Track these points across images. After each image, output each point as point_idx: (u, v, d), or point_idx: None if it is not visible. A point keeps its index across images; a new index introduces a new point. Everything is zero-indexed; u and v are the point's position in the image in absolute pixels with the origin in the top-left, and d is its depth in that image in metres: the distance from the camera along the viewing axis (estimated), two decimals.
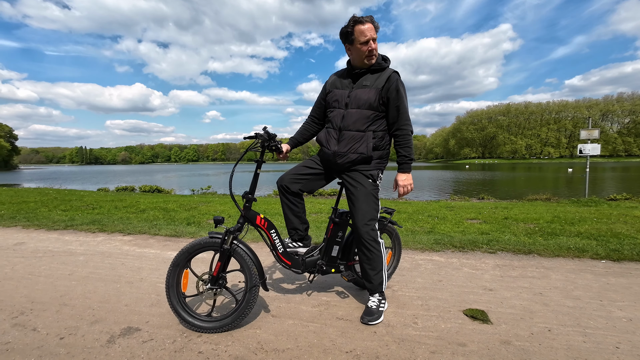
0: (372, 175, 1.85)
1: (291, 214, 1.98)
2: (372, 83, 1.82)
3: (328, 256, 2.06)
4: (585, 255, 2.91)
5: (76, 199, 7.58)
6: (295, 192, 1.96)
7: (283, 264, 1.91)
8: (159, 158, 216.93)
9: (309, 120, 2.11)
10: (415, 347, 1.54)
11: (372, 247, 1.83)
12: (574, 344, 1.56)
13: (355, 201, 1.85)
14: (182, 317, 1.71)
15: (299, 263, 1.96)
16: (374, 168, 1.86)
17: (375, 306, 1.83)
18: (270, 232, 1.87)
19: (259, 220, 1.82)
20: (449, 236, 3.67)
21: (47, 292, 2.20)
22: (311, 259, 2.01)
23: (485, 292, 2.19)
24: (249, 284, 1.71)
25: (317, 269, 2.02)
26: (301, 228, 2.01)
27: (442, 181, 22.26)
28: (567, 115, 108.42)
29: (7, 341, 1.61)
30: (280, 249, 1.89)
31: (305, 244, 2.05)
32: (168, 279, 1.73)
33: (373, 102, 1.80)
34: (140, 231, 4.02)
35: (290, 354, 1.50)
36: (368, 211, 1.83)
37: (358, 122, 1.82)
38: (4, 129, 78.28)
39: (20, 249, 3.26)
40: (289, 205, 1.98)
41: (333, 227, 2.04)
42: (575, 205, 6.98)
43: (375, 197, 1.86)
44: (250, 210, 1.79)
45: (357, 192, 1.85)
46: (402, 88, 1.84)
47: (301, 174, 1.98)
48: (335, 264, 2.07)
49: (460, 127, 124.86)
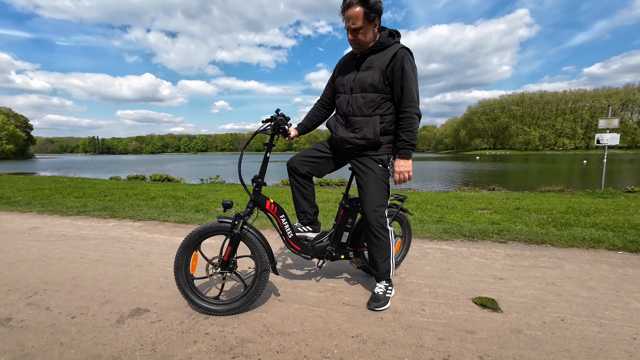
0: (381, 160, 1.79)
1: (300, 197, 1.97)
2: (377, 63, 1.71)
3: (338, 242, 2.03)
4: (601, 246, 2.82)
5: (89, 187, 7.74)
6: (304, 174, 1.93)
7: (292, 249, 1.90)
8: (168, 148, 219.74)
9: (318, 105, 2.05)
10: (422, 333, 1.52)
11: (380, 234, 1.79)
12: (588, 334, 1.51)
13: (364, 187, 1.80)
14: (189, 299, 1.72)
15: (308, 249, 1.94)
16: (383, 153, 1.80)
17: (381, 292, 1.81)
18: (280, 217, 1.84)
19: (269, 205, 1.80)
20: (459, 225, 3.61)
21: (59, 274, 2.25)
22: (320, 244, 1.99)
23: (496, 281, 2.14)
24: (259, 269, 1.71)
25: (326, 255, 2.00)
26: (310, 212, 1.98)
27: (452, 172, 21.90)
28: (584, 105, 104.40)
29: (22, 319, 1.65)
30: (289, 234, 1.88)
31: (315, 229, 2.03)
32: (177, 260, 1.73)
33: (377, 83, 1.70)
34: (149, 217, 4.07)
35: (295, 337, 1.49)
36: (377, 197, 1.78)
37: (364, 107, 1.74)
38: (19, 119, 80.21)
39: (35, 233, 3.35)
40: (298, 187, 1.96)
41: (343, 213, 2.01)
42: (591, 197, 6.78)
43: (385, 183, 1.81)
44: (260, 195, 1.77)
45: (366, 177, 1.79)
46: (409, 65, 1.68)
47: (311, 157, 1.95)
48: (344, 251, 2.05)
49: (471, 117, 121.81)
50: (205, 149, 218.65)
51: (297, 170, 1.93)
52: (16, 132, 75.08)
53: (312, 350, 1.39)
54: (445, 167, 27.46)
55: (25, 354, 1.37)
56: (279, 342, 1.46)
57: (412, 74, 1.68)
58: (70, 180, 10.08)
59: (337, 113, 1.90)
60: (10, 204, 5.07)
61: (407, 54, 1.70)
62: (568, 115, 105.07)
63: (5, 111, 78.23)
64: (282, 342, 1.45)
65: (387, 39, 1.73)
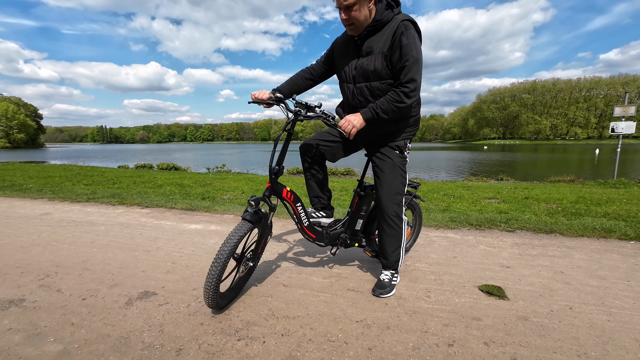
0: (398, 147, 1.72)
1: (313, 181, 1.94)
2: (377, 46, 1.54)
3: (352, 230, 2.02)
4: (612, 236, 2.76)
5: (97, 175, 7.86)
6: (317, 158, 1.89)
7: (307, 237, 1.86)
8: (175, 137, 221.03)
9: (305, 74, 1.86)
10: (427, 319, 1.52)
11: (394, 223, 1.74)
12: (597, 322, 1.49)
13: (380, 174, 1.74)
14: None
15: (323, 236, 1.91)
16: (400, 138, 1.72)
17: (387, 279, 1.80)
18: (296, 205, 1.80)
19: (285, 193, 1.76)
20: (465, 214, 3.57)
21: (70, 258, 2.30)
22: (335, 232, 1.97)
23: (502, 269, 2.12)
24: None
25: (340, 242, 1.99)
26: (323, 196, 1.96)
27: (459, 162, 21.61)
28: (599, 93, 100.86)
29: (35, 300, 1.70)
30: (305, 222, 1.84)
31: (328, 214, 2.02)
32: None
33: (381, 70, 1.54)
34: (157, 204, 4.12)
35: (300, 321, 1.51)
36: (394, 184, 1.71)
37: (370, 98, 1.62)
38: (29, 109, 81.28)
39: (46, 219, 3.42)
40: (311, 171, 1.93)
41: (358, 201, 1.98)
42: (602, 187, 6.63)
43: (402, 170, 1.74)
44: (277, 183, 1.71)
45: (383, 164, 1.73)
46: (409, 41, 1.46)
47: (324, 140, 1.87)
48: (358, 238, 2.03)
49: (480, 106, 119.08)
50: (212, 138, 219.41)
51: (310, 153, 1.88)
52: (26, 121, 76.25)
53: (317, 333, 1.41)
54: (453, 157, 27.10)
55: (38, 332, 1.41)
56: (284, 325, 1.47)
57: (414, 49, 1.47)
58: (80, 168, 10.25)
59: (345, 102, 1.80)
60: (23, 190, 5.18)
61: (408, 27, 1.49)
62: (581, 104, 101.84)
63: (15, 100, 79.33)
64: (287, 326, 1.46)
65: (385, 13, 1.53)
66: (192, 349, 1.30)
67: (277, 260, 2.26)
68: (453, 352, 1.28)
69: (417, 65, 1.49)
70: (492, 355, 1.26)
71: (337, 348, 1.31)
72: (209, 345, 1.32)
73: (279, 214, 3.52)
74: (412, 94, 1.50)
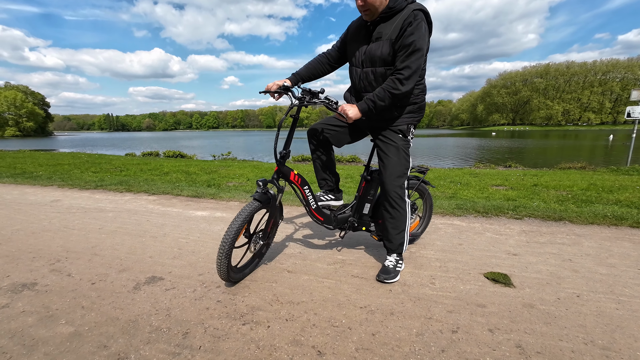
0: (401, 131, 1.74)
1: (320, 164, 1.98)
2: (387, 33, 1.56)
3: (359, 213, 2.05)
4: (623, 224, 2.70)
5: (105, 162, 7.95)
6: (323, 141, 1.92)
7: (316, 219, 1.93)
8: (181, 125, 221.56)
9: (323, 58, 1.90)
10: (431, 305, 1.52)
11: (398, 205, 1.77)
12: (605, 310, 1.47)
13: (384, 157, 1.77)
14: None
15: (331, 219, 1.97)
16: (403, 123, 1.73)
17: (392, 265, 1.80)
18: (304, 189, 1.86)
19: (293, 176, 1.82)
20: (472, 201, 3.52)
21: (80, 243, 2.35)
22: (343, 215, 2.02)
23: (509, 256, 2.10)
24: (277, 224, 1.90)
25: (348, 226, 2.02)
26: (330, 179, 1.99)
27: (467, 149, 21.27)
28: (615, 76, 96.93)
29: (47, 284, 1.74)
30: (313, 205, 1.90)
31: (337, 197, 2.06)
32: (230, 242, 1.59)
33: (387, 56, 1.58)
34: (164, 192, 4.16)
35: (304, 306, 1.52)
36: (397, 167, 1.74)
37: (375, 83, 1.66)
38: (37, 97, 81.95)
39: (56, 205, 3.49)
40: (318, 154, 1.96)
41: (365, 185, 2.00)
42: (615, 174, 6.46)
43: (405, 153, 1.76)
44: (284, 167, 1.77)
45: (386, 148, 1.75)
46: (416, 30, 1.48)
47: (330, 125, 1.91)
48: (366, 222, 2.06)
49: (490, 91, 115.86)
50: (217, 125, 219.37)
51: (317, 137, 1.92)
52: (35, 109, 77.04)
53: (321, 319, 1.42)
54: (460, 144, 26.67)
55: (51, 315, 1.45)
56: (288, 310, 1.49)
57: (416, 41, 1.48)
58: (88, 156, 10.38)
59: (352, 86, 1.84)
60: (33, 178, 5.27)
61: (417, 17, 1.50)
62: (596, 88, 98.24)
63: (23, 89, 79.94)
64: (291, 311, 1.48)
65: (399, 1, 1.55)
66: (198, 333, 1.32)
67: (281, 247, 2.28)
68: (457, 338, 1.28)
69: (417, 55, 1.50)
70: (497, 342, 1.26)
71: (340, 333, 1.32)
72: (214, 329, 1.34)
73: (285, 201, 3.52)
74: (405, 81, 1.52)
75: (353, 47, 1.74)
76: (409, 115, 1.72)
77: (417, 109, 1.72)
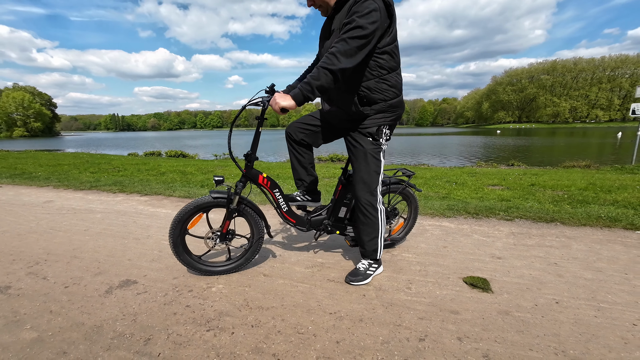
0: (370, 133, 1.64)
1: (297, 164, 1.93)
2: (338, 24, 1.49)
3: (335, 217, 2.01)
4: (617, 225, 2.62)
5: (105, 162, 8.02)
6: (299, 141, 1.89)
7: (288, 222, 1.91)
8: (185, 124, 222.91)
9: (313, 64, 1.91)
10: (403, 312, 1.48)
11: (368, 212, 1.71)
12: (583, 318, 1.42)
13: (354, 162, 1.72)
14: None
15: (304, 221, 1.94)
16: (372, 125, 1.63)
17: (363, 268, 1.77)
18: (274, 191, 1.85)
19: (261, 180, 1.80)
20: (464, 202, 3.46)
21: (62, 245, 2.35)
22: (317, 218, 1.99)
23: (493, 260, 2.04)
24: (255, 236, 1.86)
25: (322, 228, 1.99)
26: (307, 179, 1.95)
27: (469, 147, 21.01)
28: (624, 73, 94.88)
29: (20, 287, 1.74)
30: (284, 208, 1.88)
31: (314, 198, 2.01)
32: (182, 215, 1.73)
33: None
34: (156, 192, 4.17)
35: (273, 312, 1.49)
36: (364, 173, 1.68)
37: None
38: (44, 97, 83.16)
39: (47, 206, 3.51)
40: (295, 154, 1.92)
41: (341, 189, 1.97)
42: (618, 173, 6.32)
43: (375, 158, 1.67)
44: (252, 170, 1.77)
45: (356, 152, 1.69)
46: (360, 9, 1.36)
47: (307, 124, 1.88)
48: (341, 225, 2.03)
49: (495, 89, 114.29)
50: (221, 125, 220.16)
51: (293, 136, 1.89)
52: (42, 110, 78.18)
53: (287, 325, 1.39)
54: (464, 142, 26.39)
55: (18, 319, 1.44)
56: (256, 316, 1.46)
57: (358, 20, 1.35)
58: (89, 156, 10.48)
59: None
60: (31, 178, 5.33)
61: (362, 1, 1.37)
62: (604, 85, 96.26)
63: (30, 90, 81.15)
64: (259, 317, 1.45)
65: None
66: (160, 339, 1.30)
67: (262, 250, 2.25)
68: (423, 347, 1.24)
69: (356, 31, 1.35)
70: (464, 351, 1.22)
71: (304, 340, 1.29)
72: (177, 336, 1.32)
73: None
74: (339, 55, 1.35)
75: (321, 46, 1.71)
76: (380, 116, 1.61)
77: (387, 107, 1.60)
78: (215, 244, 1.84)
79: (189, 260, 1.81)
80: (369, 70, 1.51)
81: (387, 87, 1.56)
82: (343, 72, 1.38)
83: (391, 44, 1.49)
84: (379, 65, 1.50)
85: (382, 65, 1.50)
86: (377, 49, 1.47)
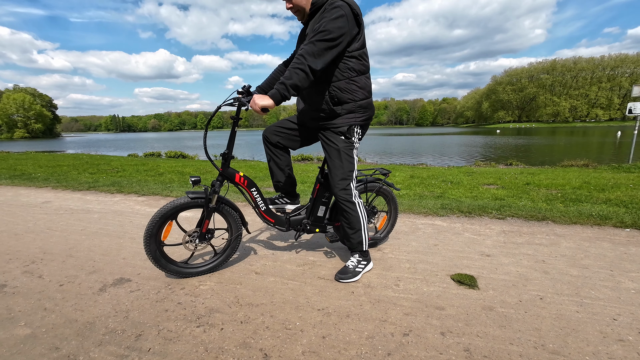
0: (342, 132, 1.71)
1: (275, 167, 1.96)
2: (310, 30, 1.55)
3: (314, 216, 2.04)
4: (607, 223, 2.65)
5: (104, 163, 8.06)
6: (275, 144, 1.92)
7: (266, 221, 1.93)
8: (186, 125, 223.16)
9: (281, 67, 1.91)
10: (389, 308, 1.51)
11: (347, 207, 1.78)
12: (565, 313, 1.44)
13: (328, 160, 1.78)
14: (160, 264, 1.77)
15: (283, 221, 1.96)
16: (343, 124, 1.69)
17: (352, 266, 1.80)
18: (251, 190, 1.87)
19: (238, 178, 1.82)
20: (458, 201, 3.49)
21: (58, 245, 2.38)
22: (296, 217, 2.01)
23: (482, 257, 2.07)
24: (234, 233, 1.87)
25: (301, 228, 2.02)
26: (284, 181, 1.98)
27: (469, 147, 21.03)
28: (624, 72, 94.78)
29: (16, 285, 1.77)
30: (262, 207, 1.90)
31: (292, 201, 2.05)
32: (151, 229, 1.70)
33: None
34: (153, 193, 4.20)
35: (262, 308, 1.52)
36: (339, 170, 1.74)
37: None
38: (44, 99, 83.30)
39: (45, 207, 3.55)
40: (272, 157, 1.95)
41: (319, 188, 1.99)
42: (614, 172, 6.35)
43: (348, 155, 1.73)
44: (228, 169, 1.78)
45: (330, 150, 1.75)
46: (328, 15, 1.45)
47: (283, 127, 1.92)
48: (321, 224, 2.06)
49: (495, 88, 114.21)
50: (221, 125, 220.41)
51: (270, 139, 1.93)
52: (42, 111, 78.34)
53: (275, 321, 1.42)
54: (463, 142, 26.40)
55: (12, 317, 1.47)
56: (246, 313, 1.49)
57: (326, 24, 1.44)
58: (89, 157, 10.53)
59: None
60: (30, 179, 5.37)
61: (332, 4, 1.47)
62: (604, 84, 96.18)
63: (31, 91, 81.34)
64: (248, 313, 1.48)
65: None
66: (150, 335, 1.33)
67: (254, 248, 2.28)
68: (407, 341, 1.27)
69: (323, 34, 1.45)
70: (446, 345, 1.25)
71: (291, 336, 1.32)
72: (167, 332, 1.35)
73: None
74: (308, 56, 1.44)
75: (297, 49, 1.76)
76: (351, 116, 1.68)
77: (357, 107, 1.66)
78: (196, 246, 1.81)
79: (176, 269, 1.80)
80: (340, 71, 1.60)
81: (357, 89, 1.64)
82: (313, 71, 1.47)
83: (360, 49, 1.59)
84: (349, 67, 1.60)
85: (352, 67, 1.60)
86: (347, 53, 1.57)
